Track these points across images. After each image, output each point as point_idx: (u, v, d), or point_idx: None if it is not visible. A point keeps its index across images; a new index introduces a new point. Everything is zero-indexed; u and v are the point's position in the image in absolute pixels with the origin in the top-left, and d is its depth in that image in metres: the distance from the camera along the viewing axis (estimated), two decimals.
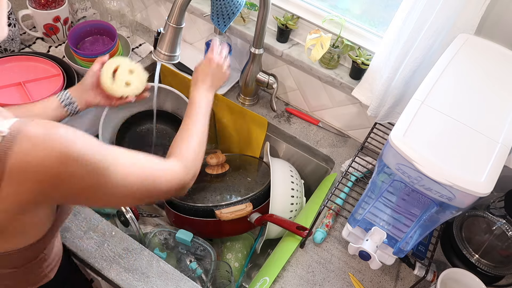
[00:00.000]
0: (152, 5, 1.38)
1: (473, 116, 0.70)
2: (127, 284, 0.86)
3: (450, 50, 0.80)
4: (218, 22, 1.04)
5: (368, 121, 1.18)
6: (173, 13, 0.88)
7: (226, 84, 1.30)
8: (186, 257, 1.07)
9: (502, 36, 0.86)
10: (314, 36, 1.07)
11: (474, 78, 0.76)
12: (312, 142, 1.23)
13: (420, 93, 0.71)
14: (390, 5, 1.04)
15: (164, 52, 0.93)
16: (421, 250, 0.87)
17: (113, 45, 1.19)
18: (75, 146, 0.54)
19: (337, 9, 1.13)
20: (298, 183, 1.11)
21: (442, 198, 0.65)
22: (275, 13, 1.18)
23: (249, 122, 1.24)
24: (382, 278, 0.96)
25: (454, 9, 0.83)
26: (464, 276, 0.86)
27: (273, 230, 1.06)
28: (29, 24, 1.31)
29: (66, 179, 0.54)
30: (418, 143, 0.65)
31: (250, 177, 1.15)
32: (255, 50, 1.16)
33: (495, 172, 0.63)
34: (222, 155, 1.19)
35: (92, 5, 1.41)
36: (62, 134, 0.54)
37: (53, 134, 0.54)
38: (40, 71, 1.15)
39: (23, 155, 0.51)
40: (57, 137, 0.54)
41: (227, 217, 1.00)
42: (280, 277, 0.93)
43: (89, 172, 0.56)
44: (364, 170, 1.07)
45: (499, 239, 0.93)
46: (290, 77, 1.25)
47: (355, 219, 0.84)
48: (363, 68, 1.09)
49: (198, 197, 1.08)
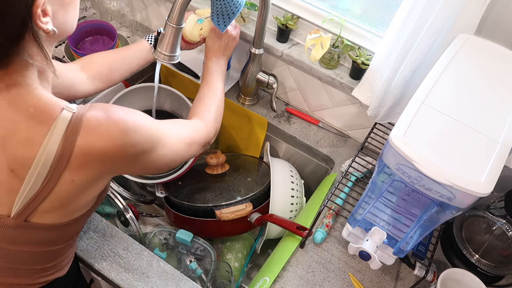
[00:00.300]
0: (152, 5, 1.38)
1: (473, 116, 0.70)
2: (127, 284, 0.86)
3: (450, 50, 0.80)
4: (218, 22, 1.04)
5: (368, 121, 1.18)
6: (173, 13, 0.88)
7: (226, 84, 1.31)
8: (186, 257, 1.07)
9: (502, 36, 0.86)
10: (314, 36, 1.07)
11: (474, 78, 0.76)
12: (312, 142, 1.23)
13: (420, 93, 0.71)
14: (390, 5, 1.04)
15: (164, 52, 0.93)
16: (421, 250, 0.87)
17: (113, 45, 1.19)
18: (130, 119, 0.63)
19: (337, 9, 1.13)
20: (298, 183, 1.11)
21: (442, 198, 0.65)
22: (275, 13, 1.18)
23: (249, 122, 1.24)
24: (382, 278, 0.96)
25: (454, 9, 0.83)
26: (464, 276, 0.86)
27: (273, 230, 1.06)
28: None
29: (129, 148, 0.62)
30: (418, 143, 0.65)
31: (250, 177, 1.15)
32: (255, 50, 1.16)
33: (495, 172, 0.63)
34: (222, 155, 1.19)
35: (92, 5, 1.41)
36: (119, 109, 0.62)
37: (113, 114, 0.61)
38: None
39: (92, 129, 0.59)
40: (117, 114, 0.61)
41: (227, 217, 1.00)
42: (280, 277, 0.93)
43: (147, 140, 0.65)
44: (364, 170, 1.07)
45: (499, 239, 0.93)
46: (290, 77, 1.25)
47: (355, 219, 0.84)
48: (363, 68, 1.09)
49: (198, 197, 1.08)
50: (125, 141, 0.61)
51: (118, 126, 0.61)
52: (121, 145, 0.61)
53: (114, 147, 0.60)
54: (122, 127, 0.61)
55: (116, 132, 0.60)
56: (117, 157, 0.62)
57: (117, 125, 0.61)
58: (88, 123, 0.59)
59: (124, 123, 0.61)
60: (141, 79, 1.32)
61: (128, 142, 0.62)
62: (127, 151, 0.63)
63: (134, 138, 0.63)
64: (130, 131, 0.62)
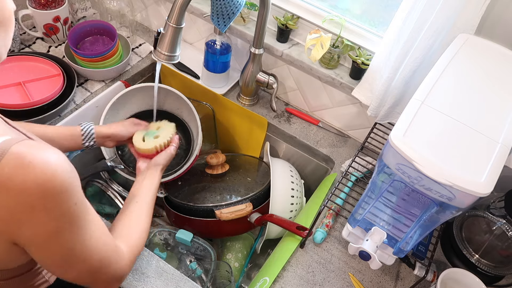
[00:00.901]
0: (152, 5, 1.38)
1: (473, 116, 0.70)
2: (127, 284, 0.86)
3: (450, 50, 0.80)
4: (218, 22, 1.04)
5: (368, 121, 1.18)
6: (173, 13, 0.88)
7: (226, 84, 1.31)
8: (186, 257, 1.07)
9: (502, 36, 0.86)
10: (314, 36, 1.07)
11: (474, 78, 0.76)
12: (312, 142, 1.23)
13: (420, 93, 0.71)
14: (390, 5, 1.04)
15: (164, 52, 0.93)
16: (421, 250, 0.87)
17: (113, 45, 1.19)
18: (58, 179, 0.51)
19: (337, 9, 1.13)
20: (298, 183, 1.11)
21: (442, 198, 0.65)
22: (275, 13, 1.18)
23: (249, 122, 1.24)
24: (382, 278, 0.96)
25: (454, 9, 0.83)
26: (464, 276, 0.86)
27: (273, 230, 1.06)
28: (29, 24, 1.31)
29: (39, 211, 0.51)
30: (418, 143, 0.65)
31: (250, 177, 1.15)
32: (255, 50, 1.16)
33: (495, 172, 0.63)
34: (222, 155, 1.19)
35: (92, 5, 1.41)
36: (50, 161, 0.51)
37: (39, 159, 0.50)
38: (40, 71, 1.15)
39: (3, 180, 0.49)
40: (43, 163, 0.50)
41: (227, 217, 1.00)
42: (280, 277, 0.93)
43: (62, 214, 0.53)
44: (364, 170, 1.07)
45: (499, 239, 0.93)
46: (290, 77, 1.25)
47: (355, 219, 0.84)
48: (363, 68, 1.09)
49: (198, 197, 1.08)
50: (38, 202, 0.51)
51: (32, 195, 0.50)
52: (32, 205, 0.50)
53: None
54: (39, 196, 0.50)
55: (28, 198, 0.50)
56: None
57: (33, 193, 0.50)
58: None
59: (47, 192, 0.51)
60: (141, 79, 1.33)
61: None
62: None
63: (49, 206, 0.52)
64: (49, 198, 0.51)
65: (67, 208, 0.54)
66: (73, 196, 0.54)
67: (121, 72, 1.27)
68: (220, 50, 1.21)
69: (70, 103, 1.16)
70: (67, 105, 1.14)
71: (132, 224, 0.78)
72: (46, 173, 0.50)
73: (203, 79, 1.30)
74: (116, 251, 0.67)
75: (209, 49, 1.21)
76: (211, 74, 1.26)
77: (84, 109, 1.15)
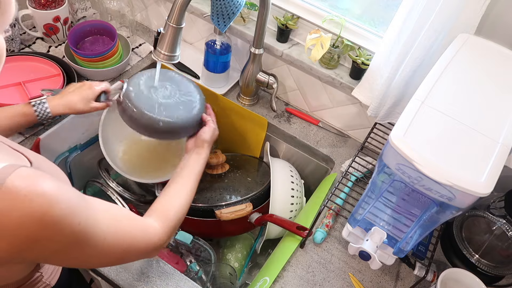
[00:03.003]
0: (152, 5, 1.38)
1: (473, 116, 0.70)
2: (127, 284, 0.86)
3: (450, 50, 0.80)
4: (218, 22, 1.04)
5: (368, 121, 1.18)
6: (173, 13, 0.88)
7: (226, 84, 1.31)
8: (187, 258, 1.07)
9: (502, 36, 0.86)
10: (314, 36, 1.07)
11: (474, 78, 0.76)
12: (312, 142, 1.23)
13: (420, 93, 0.71)
14: (390, 5, 1.04)
15: (164, 52, 0.93)
16: (421, 250, 0.87)
17: (113, 45, 1.19)
18: (56, 210, 0.50)
19: (337, 9, 1.13)
20: (298, 183, 1.11)
21: (442, 198, 0.65)
22: (275, 13, 1.18)
23: (249, 122, 1.24)
24: (382, 278, 0.96)
25: (454, 9, 0.83)
26: (464, 276, 0.86)
27: (273, 230, 1.06)
28: (29, 24, 1.31)
29: (41, 241, 0.51)
30: (418, 143, 0.65)
31: (250, 177, 1.15)
32: (255, 50, 1.16)
33: (495, 172, 0.63)
34: (222, 155, 1.19)
35: (92, 5, 1.41)
36: (45, 191, 0.50)
37: (34, 191, 0.49)
38: (40, 71, 1.15)
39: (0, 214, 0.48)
40: (38, 196, 0.49)
41: (227, 217, 1.00)
42: (280, 277, 0.93)
43: (67, 237, 0.53)
44: (364, 170, 1.07)
45: (499, 239, 0.93)
46: (290, 77, 1.25)
47: (355, 219, 0.84)
48: (363, 68, 1.09)
49: (198, 197, 1.08)
50: (39, 233, 0.50)
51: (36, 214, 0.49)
52: (33, 236, 0.50)
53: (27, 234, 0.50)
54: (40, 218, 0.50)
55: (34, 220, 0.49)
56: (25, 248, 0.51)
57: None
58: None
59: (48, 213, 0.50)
60: None
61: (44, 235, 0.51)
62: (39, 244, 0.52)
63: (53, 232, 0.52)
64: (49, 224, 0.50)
65: (70, 232, 0.53)
66: (74, 219, 0.53)
67: (121, 72, 1.27)
68: (220, 50, 1.21)
69: None
70: None
71: (172, 200, 0.80)
72: (42, 205, 0.49)
73: (203, 79, 1.30)
74: (143, 230, 0.68)
75: (209, 49, 1.21)
76: (211, 74, 1.26)
77: None
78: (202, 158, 0.91)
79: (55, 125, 1.09)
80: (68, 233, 0.53)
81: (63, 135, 1.12)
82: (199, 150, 0.93)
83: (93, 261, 0.61)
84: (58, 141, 1.11)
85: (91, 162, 1.21)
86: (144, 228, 0.69)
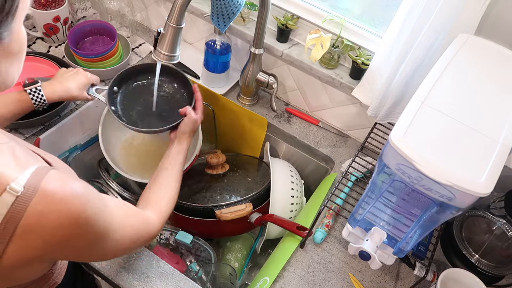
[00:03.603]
0: (152, 5, 1.38)
1: (473, 116, 0.70)
2: (127, 284, 0.86)
3: (450, 50, 0.80)
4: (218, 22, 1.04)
5: (368, 121, 1.18)
6: (173, 13, 0.88)
7: (226, 84, 1.30)
8: (187, 258, 1.07)
9: (502, 36, 0.86)
10: (314, 36, 1.07)
11: (474, 78, 0.76)
12: (312, 142, 1.23)
13: (420, 93, 0.71)
14: (390, 5, 1.04)
15: (164, 52, 0.93)
16: (421, 250, 0.87)
17: (113, 45, 1.19)
18: (88, 209, 0.55)
19: (337, 9, 1.13)
20: (298, 183, 1.11)
21: (442, 198, 0.65)
22: (275, 13, 1.18)
23: (249, 122, 1.24)
24: (382, 278, 0.96)
25: (454, 9, 0.83)
26: (464, 276, 0.86)
27: (273, 230, 1.06)
28: (29, 24, 1.31)
29: (74, 239, 0.56)
30: (418, 143, 0.65)
31: (250, 177, 1.15)
32: (255, 50, 1.16)
33: (495, 172, 0.63)
34: (222, 155, 1.19)
35: (92, 5, 1.41)
36: (78, 193, 0.54)
37: (69, 194, 0.53)
38: (40, 71, 1.15)
39: (37, 217, 0.51)
40: (73, 197, 0.54)
41: (227, 217, 1.00)
42: (280, 277, 0.93)
43: (95, 234, 0.58)
44: (364, 170, 1.07)
45: (499, 239, 0.93)
46: (290, 77, 1.25)
47: (355, 219, 0.84)
48: (363, 68, 1.09)
49: (198, 197, 1.08)
50: (71, 232, 0.55)
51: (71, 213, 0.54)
52: (66, 235, 0.54)
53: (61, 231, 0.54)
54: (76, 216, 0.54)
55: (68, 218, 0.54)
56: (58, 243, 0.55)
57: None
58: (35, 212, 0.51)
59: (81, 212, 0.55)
60: None
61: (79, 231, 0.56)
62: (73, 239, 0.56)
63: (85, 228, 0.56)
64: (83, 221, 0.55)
65: (97, 228, 0.58)
66: (100, 216, 0.58)
67: None
68: (220, 50, 1.21)
69: (70, 103, 1.16)
70: (67, 105, 1.14)
71: (161, 191, 0.85)
72: (78, 206, 0.54)
73: (203, 79, 1.30)
74: (145, 223, 0.75)
75: (209, 49, 1.21)
76: (211, 74, 1.26)
77: (84, 109, 1.15)
78: (184, 148, 0.94)
79: (55, 125, 1.09)
80: (96, 230, 0.58)
81: (63, 135, 1.12)
82: (180, 140, 0.95)
83: (109, 254, 0.68)
84: (58, 141, 1.11)
85: (91, 162, 1.21)
86: (145, 221, 0.75)
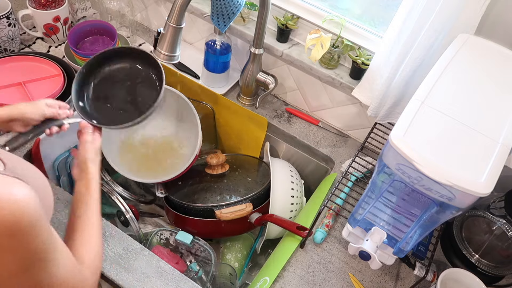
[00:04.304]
0: (152, 5, 1.38)
1: (473, 116, 0.70)
2: (127, 284, 0.86)
3: (450, 50, 0.80)
4: (218, 22, 1.04)
5: (368, 121, 1.18)
6: (173, 13, 0.88)
7: (226, 84, 1.30)
8: (187, 258, 1.07)
9: (502, 36, 0.86)
10: (314, 36, 1.07)
11: (474, 78, 0.76)
12: (312, 142, 1.23)
13: (420, 93, 0.71)
14: (390, 5, 1.04)
15: (164, 52, 0.93)
16: (421, 250, 0.87)
17: (113, 45, 1.19)
18: (25, 218, 0.49)
19: (337, 9, 1.13)
20: (298, 183, 1.11)
21: (442, 198, 0.65)
22: (275, 13, 1.18)
23: (249, 122, 1.24)
24: (382, 278, 0.96)
25: (454, 9, 0.83)
26: (464, 276, 0.86)
27: (273, 230, 1.06)
28: (29, 24, 1.31)
29: (7, 253, 0.50)
30: (418, 143, 0.65)
31: (250, 177, 1.15)
32: (255, 50, 1.16)
33: (495, 172, 0.63)
34: (222, 155, 1.19)
35: (92, 5, 1.41)
36: (17, 198, 0.49)
37: (5, 197, 0.48)
38: (40, 71, 1.15)
39: None
40: (9, 201, 0.48)
41: (227, 217, 1.00)
42: (280, 277, 0.93)
43: (30, 253, 0.51)
44: (364, 170, 1.07)
45: (499, 239, 0.93)
46: (290, 77, 1.25)
47: (355, 219, 0.84)
48: (363, 68, 1.09)
49: (198, 197, 1.08)
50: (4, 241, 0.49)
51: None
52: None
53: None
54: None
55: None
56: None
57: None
58: None
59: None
60: None
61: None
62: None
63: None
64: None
65: (34, 247, 0.52)
66: (41, 234, 0.52)
67: None
68: (220, 50, 1.21)
69: (71, 103, 1.15)
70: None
71: (88, 242, 0.72)
72: (14, 213, 0.48)
73: (203, 79, 1.30)
74: (80, 274, 0.64)
75: (209, 49, 1.21)
76: (211, 74, 1.26)
77: None
78: (89, 177, 0.78)
79: None
80: (31, 250, 0.51)
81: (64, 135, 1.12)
82: (82, 170, 0.79)
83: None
84: (58, 141, 1.11)
85: None
86: (80, 273, 0.64)
